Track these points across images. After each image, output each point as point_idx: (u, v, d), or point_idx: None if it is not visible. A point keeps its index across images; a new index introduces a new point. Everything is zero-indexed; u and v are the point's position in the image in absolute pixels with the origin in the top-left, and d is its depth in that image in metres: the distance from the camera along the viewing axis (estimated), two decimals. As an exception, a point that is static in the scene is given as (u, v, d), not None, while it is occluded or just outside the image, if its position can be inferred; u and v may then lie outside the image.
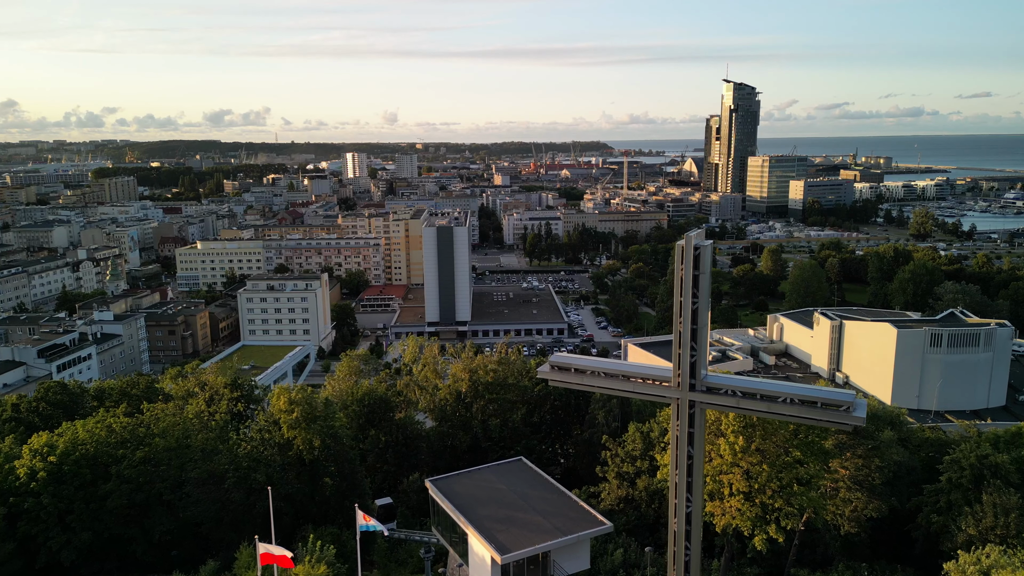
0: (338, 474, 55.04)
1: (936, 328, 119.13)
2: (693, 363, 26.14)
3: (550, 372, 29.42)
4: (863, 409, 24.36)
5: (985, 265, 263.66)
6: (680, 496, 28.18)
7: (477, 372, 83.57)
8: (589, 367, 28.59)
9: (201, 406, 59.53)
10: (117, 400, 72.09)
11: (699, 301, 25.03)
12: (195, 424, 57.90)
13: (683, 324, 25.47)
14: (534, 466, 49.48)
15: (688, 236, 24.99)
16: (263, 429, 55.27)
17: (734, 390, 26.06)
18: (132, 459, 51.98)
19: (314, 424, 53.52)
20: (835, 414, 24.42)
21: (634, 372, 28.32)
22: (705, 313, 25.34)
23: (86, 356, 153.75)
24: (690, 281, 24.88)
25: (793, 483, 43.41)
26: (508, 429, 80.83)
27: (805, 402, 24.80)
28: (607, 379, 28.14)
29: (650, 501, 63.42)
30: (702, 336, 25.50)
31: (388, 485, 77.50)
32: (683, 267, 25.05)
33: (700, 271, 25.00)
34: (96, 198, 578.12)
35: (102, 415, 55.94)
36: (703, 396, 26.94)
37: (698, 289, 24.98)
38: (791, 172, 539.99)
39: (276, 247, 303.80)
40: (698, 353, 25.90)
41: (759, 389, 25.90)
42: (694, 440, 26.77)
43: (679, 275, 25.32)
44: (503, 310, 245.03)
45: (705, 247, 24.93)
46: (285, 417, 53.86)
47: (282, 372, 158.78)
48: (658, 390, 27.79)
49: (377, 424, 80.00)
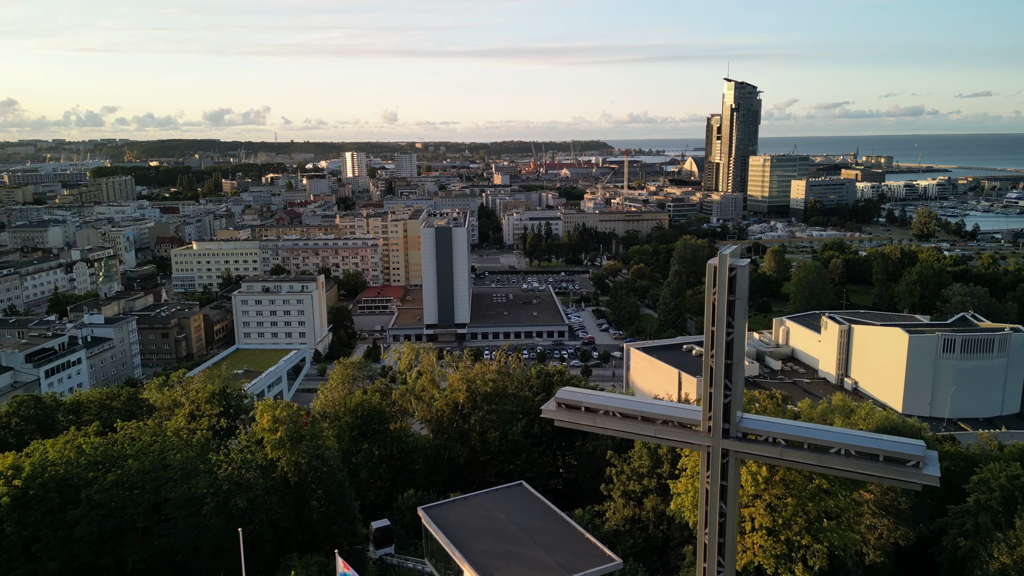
0: (325, 497, 51.43)
1: (949, 333, 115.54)
2: (727, 405, 22.52)
3: (556, 411, 25.75)
4: (935, 465, 20.62)
5: (991, 266, 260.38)
6: (711, 559, 24.20)
7: (475, 382, 79.99)
8: (602, 406, 24.83)
9: (181, 423, 55.81)
10: (96, 413, 68.53)
11: (735, 331, 21.50)
12: (174, 442, 54.26)
13: (715, 359, 21.88)
14: (535, 492, 45.83)
15: (722, 254, 21.46)
16: (245, 449, 51.61)
17: (776, 438, 22.29)
18: (104, 482, 48.34)
19: (300, 444, 49.95)
20: (901, 471, 20.65)
21: (656, 413, 24.47)
22: (742, 346, 21.80)
23: (75, 361, 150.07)
24: (724, 308, 21.32)
25: (822, 517, 39.89)
26: (507, 442, 77.19)
27: (864, 455, 21.05)
28: (624, 421, 24.39)
29: (658, 522, 59.88)
30: (738, 373, 21.89)
31: (382, 501, 73.93)
32: (716, 291, 21.51)
33: (736, 296, 21.45)
34: (93, 198, 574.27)
35: (72, 434, 52.25)
36: (739, 445, 23.20)
37: (734, 317, 21.45)
38: (792, 172, 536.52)
39: (273, 247, 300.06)
40: (733, 393, 22.27)
41: (807, 438, 22.13)
42: (727, 495, 23.10)
43: (711, 300, 21.75)
44: (503, 312, 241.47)
45: (741, 267, 21.39)
46: (268, 436, 50.28)
47: (276, 377, 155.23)
48: (685, 436, 23.95)
49: (371, 437, 76.42)
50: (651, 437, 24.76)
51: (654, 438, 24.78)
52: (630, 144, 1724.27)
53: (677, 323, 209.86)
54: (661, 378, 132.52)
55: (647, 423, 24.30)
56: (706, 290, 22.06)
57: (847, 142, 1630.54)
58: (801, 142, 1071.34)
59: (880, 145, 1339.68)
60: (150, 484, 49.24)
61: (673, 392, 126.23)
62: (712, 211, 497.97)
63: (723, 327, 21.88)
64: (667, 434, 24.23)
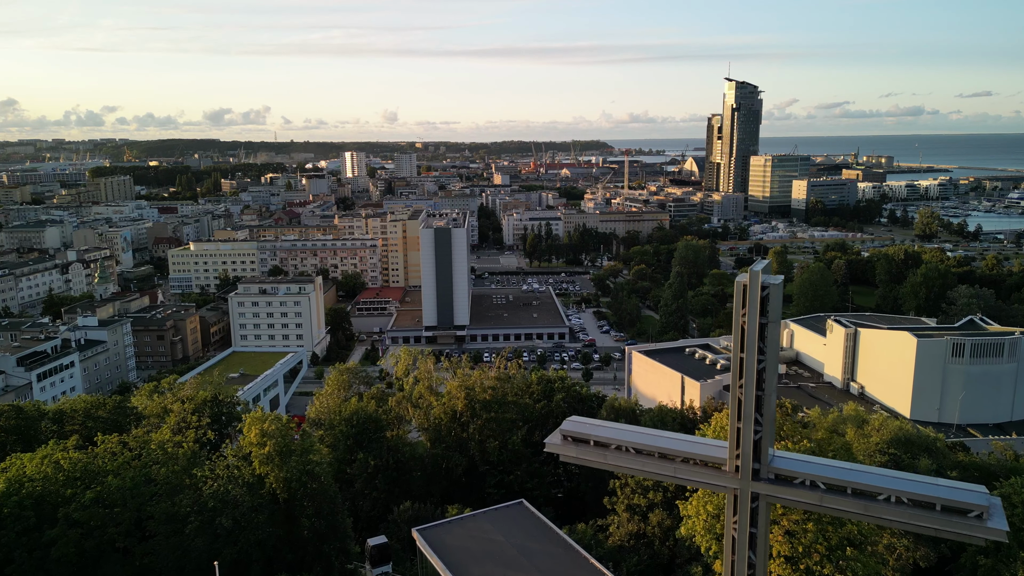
0: (316, 514, 49.02)
1: (958, 337, 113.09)
2: (758, 442, 19.96)
3: (561, 446, 23.28)
4: (1001, 516, 17.90)
5: (995, 267, 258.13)
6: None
7: (474, 389, 77.59)
8: (613, 440, 22.21)
9: (166, 435, 53.37)
10: (81, 423, 66.03)
11: (767, 358, 18.91)
12: (158, 456, 51.81)
13: (744, 389, 19.28)
14: (536, 511, 43.49)
15: (753, 271, 18.93)
16: (231, 465, 49.15)
17: (815, 481, 19.69)
18: (82, 499, 45.92)
19: (289, 460, 47.54)
20: (962, 523, 17.96)
21: (675, 450, 21.80)
22: (774, 375, 19.25)
23: (68, 364, 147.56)
24: (755, 332, 18.72)
25: (844, 545, 37.47)
26: (507, 452, 74.80)
27: (918, 504, 18.46)
28: (638, 459, 21.74)
29: (664, 538, 57.46)
30: (769, 406, 19.24)
31: (377, 513, 71.52)
32: (746, 312, 18.95)
33: (769, 318, 18.87)
34: (91, 198, 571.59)
35: (51, 448, 49.77)
36: (771, 488, 20.66)
37: (766, 342, 18.89)
38: (794, 171, 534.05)
39: (271, 248, 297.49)
40: (764, 428, 19.64)
41: (851, 482, 19.43)
42: (756, 544, 20.51)
43: (739, 323, 19.17)
44: (503, 313, 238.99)
45: (775, 286, 18.85)
46: (256, 451, 47.90)
47: (273, 380, 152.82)
48: (709, 476, 21.31)
49: (366, 446, 73.97)
50: (670, 477, 22.02)
51: (673, 478, 22.02)
52: (630, 144, 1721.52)
53: (679, 325, 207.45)
54: (663, 382, 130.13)
55: (665, 461, 21.62)
56: (734, 311, 19.53)
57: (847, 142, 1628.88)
58: (801, 142, 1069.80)
59: (880, 145, 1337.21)
60: (131, 501, 46.81)
61: (676, 397, 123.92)
62: (713, 211, 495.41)
63: (754, 354, 19.25)
64: (688, 474, 21.53)
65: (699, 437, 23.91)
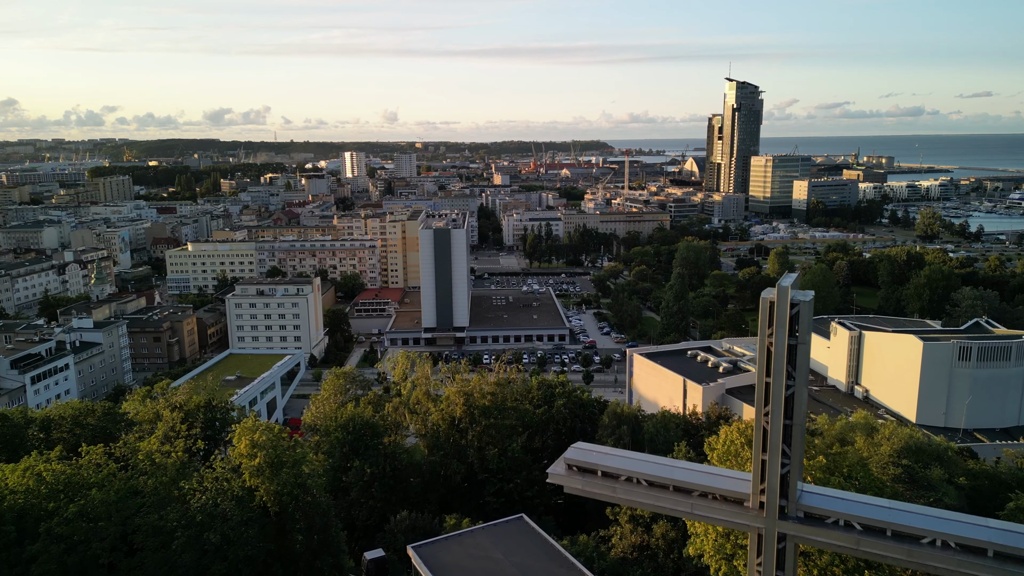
0: (308, 528, 47.27)
1: (965, 341, 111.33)
2: (785, 476, 18.02)
3: (566, 476, 21.51)
4: None
5: (998, 268, 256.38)
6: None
7: (473, 395, 75.90)
8: (624, 471, 20.16)
9: (154, 445, 51.60)
10: (69, 431, 64.25)
11: (796, 383, 17.09)
12: (145, 467, 50.07)
13: (771, 418, 17.33)
14: (536, 526, 41.77)
15: (781, 287, 17.14)
16: (220, 477, 47.36)
17: (849, 521, 17.73)
18: (65, 513, 44.18)
19: (281, 472, 45.79)
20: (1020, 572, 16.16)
21: (693, 483, 19.62)
22: (803, 402, 17.40)
23: (62, 367, 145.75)
24: (783, 354, 16.83)
25: (862, 568, 35.77)
26: (507, 459, 73.12)
27: (968, 549, 16.56)
28: (652, 492, 19.78)
29: (669, 550, 55.77)
30: (798, 436, 17.29)
31: (374, 522, 69.89)
32: (772, 332, 17.08)
33: (799, 339, 16.99)
34: (90, 198, 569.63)
35: (34, 459, 48.02)
36: (799, 528, 18.57)
37: (795, 366, 17.04)
38: (794, 172, 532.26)
39: (269, 249, 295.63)
40: (793, 461, 17.65)
41: (890, 523, 17.47)
42: (782, 588, 18.54)
43: (765, 344, 17.36)
44: (502, 315, 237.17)
45: (805, 303, 17.05)
46: (247, 463, 46.17)
47: (270, 383, 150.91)
48: (730, 513, 19.23)
49: (362, 453, 72.37)
50: (686, 513, 20.10)
51: (690, 514, 20.12)
52: (630, 144, 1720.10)
53: (680, 327, 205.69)
54: (665, 385, 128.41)
55: (681, 495, 19.61)
56: (759, 330, 17.79)
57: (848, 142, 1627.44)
58: (801, 142, 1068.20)
59: (881, 145, 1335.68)
60: (116, 515, 45.06)
61: (678, 400, 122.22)
62: (714, 212, 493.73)
63: (782, 378, 17.37)
64: (707, 511, 19.50)
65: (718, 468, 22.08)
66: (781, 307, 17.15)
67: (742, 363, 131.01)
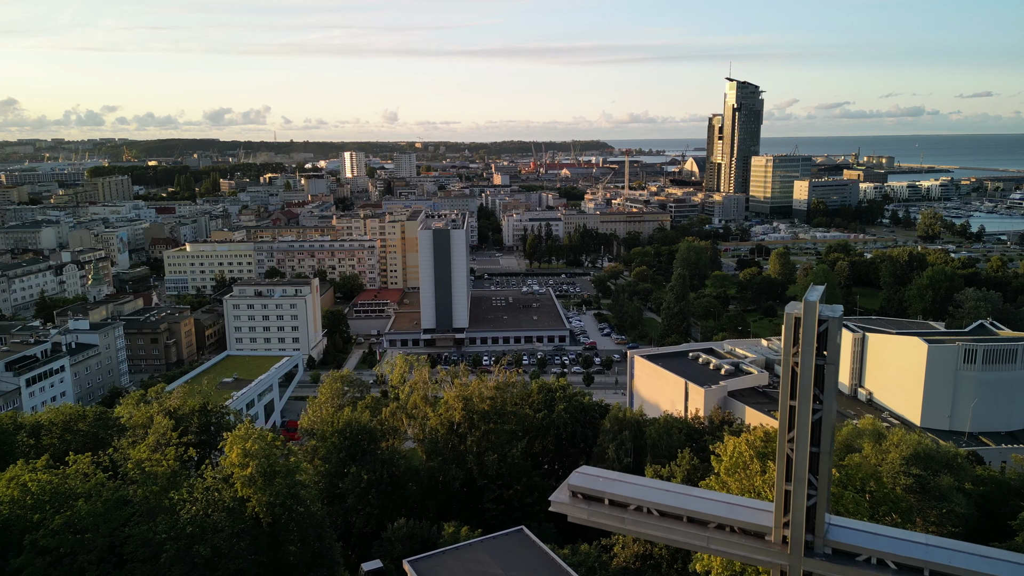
0: (302, 540, 45.93)
1: (970, 343, 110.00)
2: (811, 509, 16.53)
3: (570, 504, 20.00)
4: None
5: (1000, 269, 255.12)
6: None
7: (472, 400, 74.54)
8: (634, 499, 18.50)
9: (144, 453, 50.25)
10: (59, 437, 62.91)
11: (824, 407, 15.58)
12: (135, 475, 48.71)
13: (796, 445, 15.77)
14: (536, 539, 40.44)
15: (808, 301, 15.57)
16: (211, 488, 46.00)
17: (883, 559, 16.19)
18: (51, 525, 42.83)
19: (273, 482, 44.44)
20: None
21: (709, 514, 18.06)
22: (831, 428, 15.92)
23: (58, 369, 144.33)
24: (810, 375, 15.31)
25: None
26: (507, 465, 71.76)
27: None
28: (664, 523, 18.15)
29: (672, 560, 54.47)
30: (826, 465, 15.80)
31: (371, 530, 68.52)
32: (798, 351, 15.57)
33: (827, 359, 15.53)
34: (88, 198, 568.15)
35: (19, 468, 46.66)
36: (827, 567, 16.80)
37: (823, 388, 15.54)
38: (795, 172, 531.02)
39: (268, 249, 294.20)
40: (819, 493, 16.13)
41: (928, 561, 15.99)
42: (808, 630, 17.01)
43: (789, 363, 15.87)
44: (502, 316, 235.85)
45: (834, 319, 15.59)
46: (238, 472, 44.84)
47: (267, 385, 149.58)
48: (750, 549, 17.58)
49: (359, 459, 71.00)
50: (702, 547, 18.45)
51: (706, 548, 18.48)
52: (630, 144, 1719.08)
53: (681, 328, 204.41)
54: (667, 388, 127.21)
55: (696, 527, 17.99)
56: (783, 349, 16.31)
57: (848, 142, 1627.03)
58: (802, 142, 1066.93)
59: (881, 145, 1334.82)
60: (104, 527, 43.69)
61: (679, 403, 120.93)
62: (714, 212, 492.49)
63: (808, 401, 15.84)
64: (725, 545, 17.86)
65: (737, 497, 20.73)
66: (808, 324, 15.67)
67: (744, 365, 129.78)
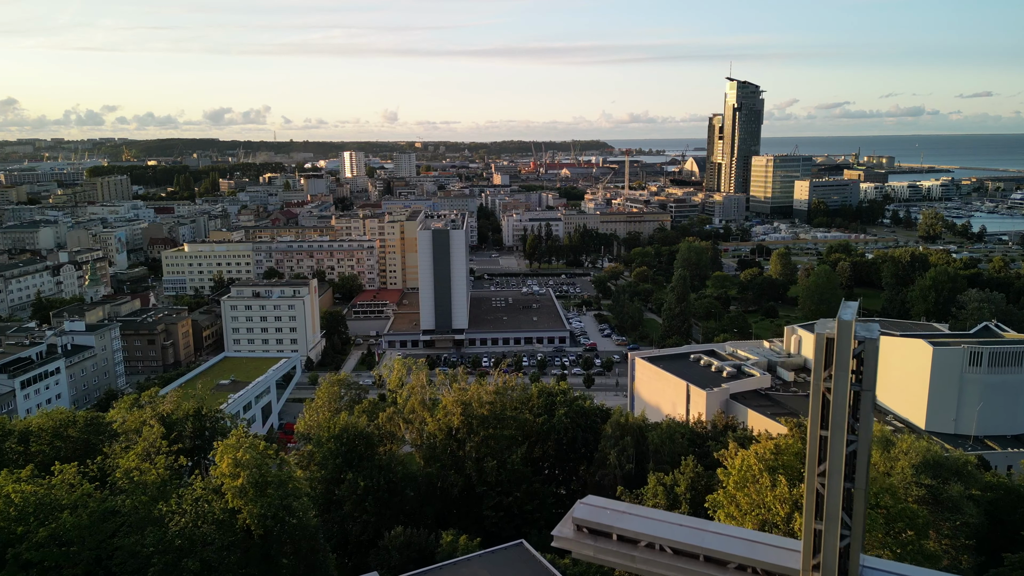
0: (294, 553, 44.55)
1: (975, 345, 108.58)
2: (845, 550, 15.01)
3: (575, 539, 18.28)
4: None
5: (1003, 269, 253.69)
6: None
7: (471, 404, 73.13)
8: (644, 535, 16.87)
9: (132, 462, 48.81)
10: (48, 443, 61.43)
11: (859, 439, 14.06)
12: (124, 484, 47.30)
13: (828, 480, 14.21)
14: (536, 553, 39.06)
15: (843, 320, 14.15)
16: (200, 499, 44.57)
17: None
18: (35, 537, 41.45)
19: (264, 494, 43.03)
20: None
21: (728, 553, 16.38)
22: (867, 461, 14.41)
23: (53, 371, 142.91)
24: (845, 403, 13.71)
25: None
26: (506, 471, 70.38)
27: None
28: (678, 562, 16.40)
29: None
30: (861, 503, 14.29)
31: (367, 538, 67.18)
32: (831, 375, 14.03)
33: (863, 385, 13.97)
34: (87, 197, 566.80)
35: (3, 479, 45.26)
36: None
37: (859, 418, 14.00)
38: (795, 172, 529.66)
39: (266, 250, 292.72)
40: (853, 532, 14.65)
41: None
42: None
43: (820, 389, 14.35)
44: (502, 317, 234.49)
45: (871, 341, 14.15)
46: (229, 483, 43.43)
47: (265, 387, 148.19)
48: None
49: (356, 465, 69.63)
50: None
51: None
52: (630, 144, 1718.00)
53: (682, 329, 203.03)
54: (668, 390, 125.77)
55: (714, 567, 16.38)
56: (813, 374, 14.76)
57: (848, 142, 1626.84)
58: (801, 142, 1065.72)
59: (881, 145, 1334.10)
60: (90, 539, 42.30)
61: (681, 406, 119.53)
62: (715, 212, 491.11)
63: (843, 432, 14.27)
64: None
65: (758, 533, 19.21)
66: (843, 346, 14.13)
67: (746, 367, 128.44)
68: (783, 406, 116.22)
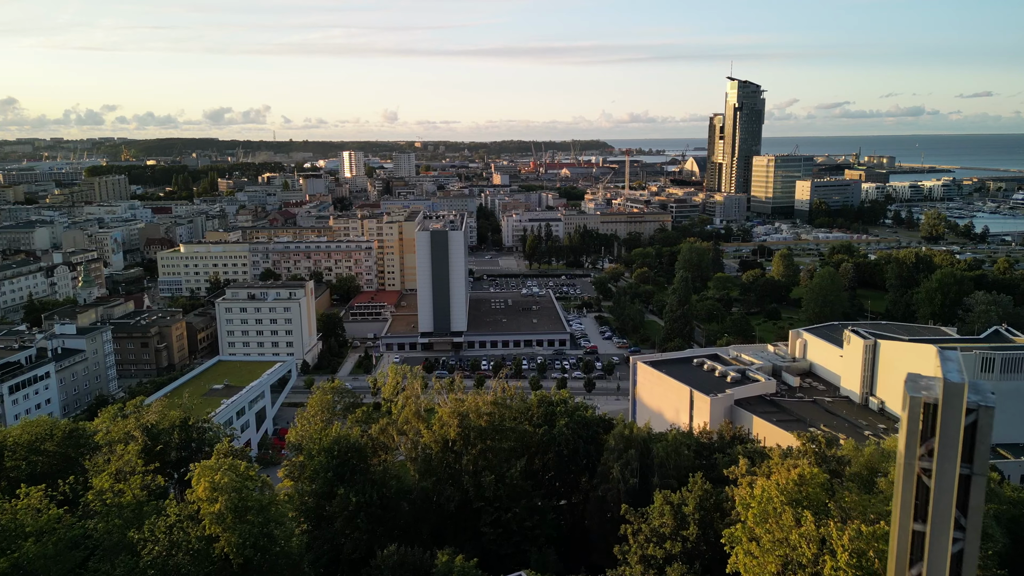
0: (276, 583, 41.63)
1: (987, 351, 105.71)
2: None
3: None
4: None
5: (1007, 270, 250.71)
6: None
7: (468, 416, 70.12)
8: None
9: (106, 483, 45.87)
10: (24, 458, 58.48)
11: (967, 536, 10.67)
12: (97, 506, 44.38)
13: None
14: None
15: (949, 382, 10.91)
16: (174, 525, 41.59)
17: None
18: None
19: (244, 520, 40.09)
20: None
21: None
22: (974, 563, 11.31)
23: (43, 375, 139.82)
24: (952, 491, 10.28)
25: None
26: (505, 486, 67.37)
27: None
28: None
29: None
30: None
31: (359, 556, 64.15)
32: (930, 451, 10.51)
33: (975, 468, 10.52)
34: (84, 197, 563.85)
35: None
36: None
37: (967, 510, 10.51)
38: (796, 172, 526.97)
39: (263, 250, 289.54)
40: None
41: None
42: None
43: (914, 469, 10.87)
44: (501, 319, 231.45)
45: (986, 409, 11.07)
46: (206, 508, 40.50)
47: (259, 391, 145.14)
48: None
49: (348, 479, 66.63)
50: None
51: None
52: (630, 144, 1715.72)
53: (684, 332, 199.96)
54: (671, 396, 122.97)
55: None
56: (904, 447, 11.47)
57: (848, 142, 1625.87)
58: (802, 142, 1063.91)
59: (881, 145, 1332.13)
60: (55, 569, 39.33)
61: (684, 412, 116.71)
62: (715, 212, 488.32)
63: (948, 529, 10.84)
64: None
65: None
66: (951, 416, 10.84)
67: (750, 372, 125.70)
68: (789, 413, 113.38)
